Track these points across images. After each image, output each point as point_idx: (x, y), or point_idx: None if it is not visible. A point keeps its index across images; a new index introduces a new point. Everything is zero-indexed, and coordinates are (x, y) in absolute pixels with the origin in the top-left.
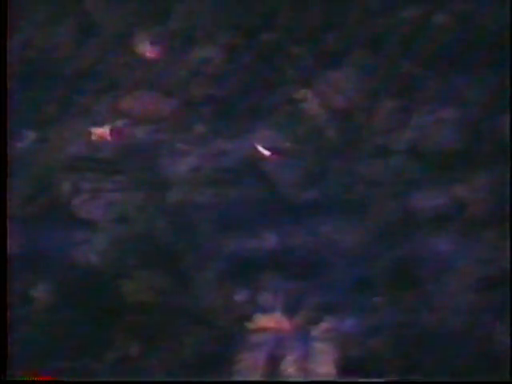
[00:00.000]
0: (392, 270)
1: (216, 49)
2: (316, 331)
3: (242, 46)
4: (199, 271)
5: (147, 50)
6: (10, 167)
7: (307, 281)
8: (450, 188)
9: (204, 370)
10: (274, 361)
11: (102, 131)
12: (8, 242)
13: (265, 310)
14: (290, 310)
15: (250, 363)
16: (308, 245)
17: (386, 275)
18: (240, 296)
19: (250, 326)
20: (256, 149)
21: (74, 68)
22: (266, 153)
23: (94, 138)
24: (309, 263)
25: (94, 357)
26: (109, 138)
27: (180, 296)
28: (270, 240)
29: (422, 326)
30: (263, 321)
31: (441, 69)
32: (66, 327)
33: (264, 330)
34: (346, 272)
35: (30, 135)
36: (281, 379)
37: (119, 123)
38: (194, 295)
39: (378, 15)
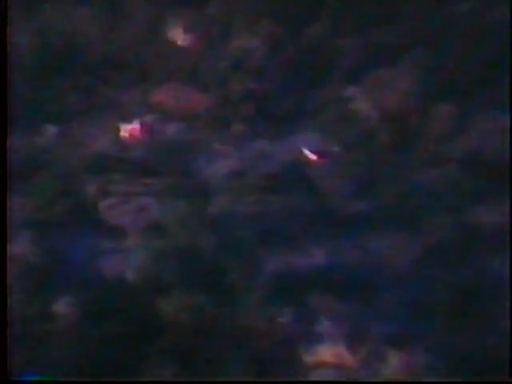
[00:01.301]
0: (450, 295)
1: (257, 39)
2: (384, 368)
3: (286, 37)
4: (242, 290)
5: (180, 37)
6: (28, 166)
7: (360, 304)
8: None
9: None
10: None
11: (131, 127)
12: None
13: (316, 336)
14: (352, 342)
15: None
16: (359, 262)
17: (444, 300)
18: (285, 317)
19: (308, 358)
20: (301, 152)
21: (100, 56)
22: (313, 157)
23: (122, 134)
24: (360, 283)
25: (124, 379)
26: (138, 134)
27: (221, 317)
28: (317, 256)
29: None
30: (323, 354)
31: (502, 69)
32: (92, 348)
33: (324, 363)
34: (400, 295)
35: (51, 130)
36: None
37: (150, 119)
38: (236, 316)
39: (435, 8)
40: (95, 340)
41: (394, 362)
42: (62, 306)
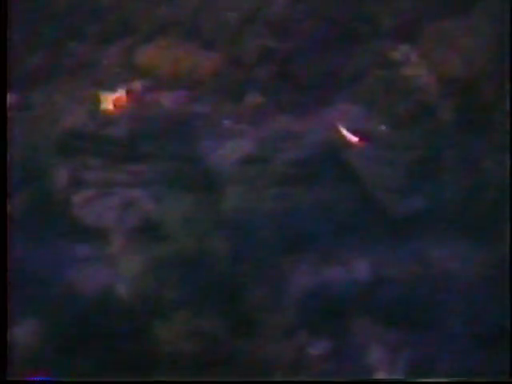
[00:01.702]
0: None
1: None
2: None
3: None
4: (263, 312)
5: None
6: None
7: (417, 332)
8: None
9: None
10: None
11: (114, 96)
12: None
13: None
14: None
15: None
16: (415, 277)
17: None
18: (319, 349)
19: None
20: (337, 131)
21: (72, 3)
22: (352, 138)
23: (102, 105)
24: (414, 305)
25: None
26: (123, 105)
27: (236, 347)
28: (359, 269)
29: None
30: None
31: None
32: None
33: None
34: (465, 322)
35: (10, 98)
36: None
37: (137, 85)
38: (256, 346)
39: None
40: (71, 371)
41: None
42: (23, 334)
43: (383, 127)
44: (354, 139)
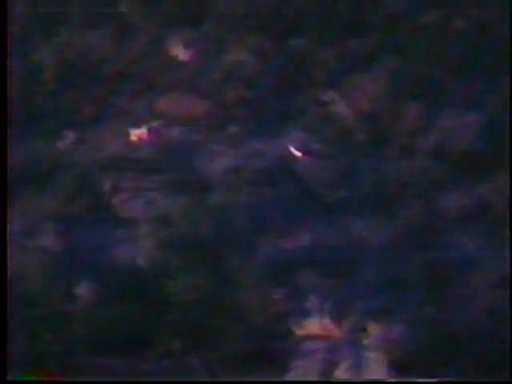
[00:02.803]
0: (422, 270)
1: (247, 52)
2: (366, 340)
3: (273, 49)
4: (240, 272)
5: (181, 52)
6: (51, 167)
7: (342, 279)
8: (473, 188)
9: (243, 367)
10: (328, 368)
11: (139, 132)
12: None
13: (305, 312)
14: (337, 316)
15: (305, 370)
16: (340, 243)
17: (417, 275)
18: (278, 295)
19: (299, 331)
20: (288, 150)
21: (110, 70)
22: (298, 154)
23: (131, 138)
24: (341, 261)
25: (137, 353)
26: (146, 138)
27: (221, 295)
28: (304, 239)
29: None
30: (311, 327)
31: (462, 74)
32: (110, 324)
33: (314, 336)
34: (377, 271)
35: (70, 135)
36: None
37: (156, 124)
38: (235, 295)
39: (400, 20)
40: (112, 317)
41: (375, 335)
42: (82, 289)
43: (318, 145)
44: (300, 154)
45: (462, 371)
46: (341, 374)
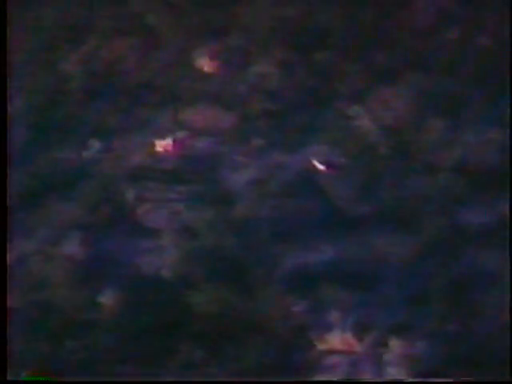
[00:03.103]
0: (444, 285)
1: (272, 65)
2: (387, 355)
3: (297, 62)
4: (262, 284)
5: (206, 64)
6: (77, 175)
7: (363, 293)
8: (494, 205)
9: (264, 379)
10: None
11: (165, 143)
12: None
13: (327, 325)
14: (359, 331)
15: None
16: (362, 257)
17: (440, 291)
18: (299, 307)
19: (320, 345)
20: (312, 163)
21: (136, 80)
22: (321, 167)
23: (156, 148)
24: (363, 275)
25: (159, 363)
26: (171, 149)
27: (243, 307)
28: (327, 252)
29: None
30: (333, 341)
31: (486, 90)
32: (133, 333)
33: (335, 351)
34: (401, 286)
35: (96, 145)
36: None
37: (180, 135)
38: (257, 306)
39: (425, 36)
40: (135, 327)
41: (395, 348)
42: (106, 298)
43: (342, 159)
44: (323, 168)
45: None
46: None
